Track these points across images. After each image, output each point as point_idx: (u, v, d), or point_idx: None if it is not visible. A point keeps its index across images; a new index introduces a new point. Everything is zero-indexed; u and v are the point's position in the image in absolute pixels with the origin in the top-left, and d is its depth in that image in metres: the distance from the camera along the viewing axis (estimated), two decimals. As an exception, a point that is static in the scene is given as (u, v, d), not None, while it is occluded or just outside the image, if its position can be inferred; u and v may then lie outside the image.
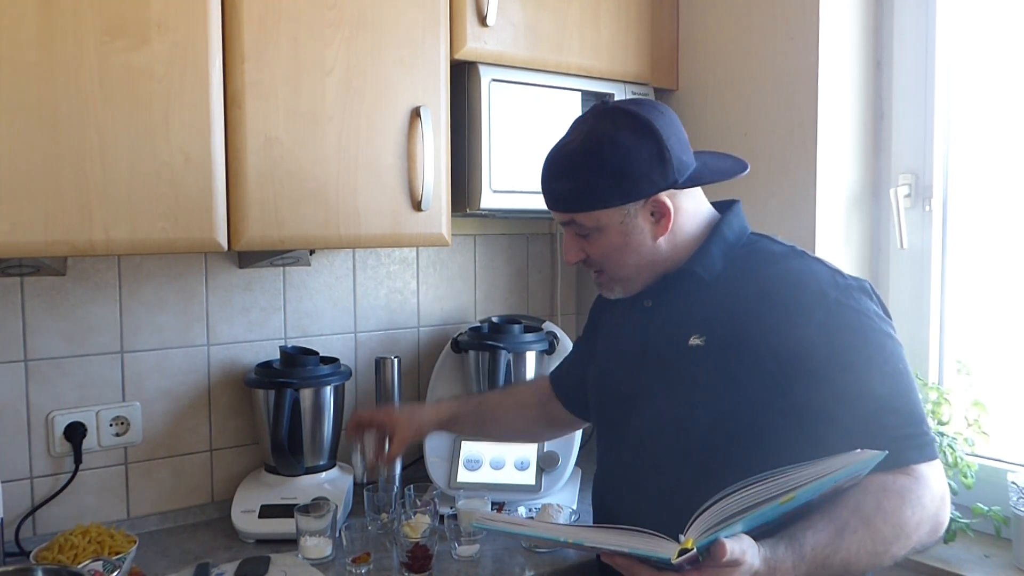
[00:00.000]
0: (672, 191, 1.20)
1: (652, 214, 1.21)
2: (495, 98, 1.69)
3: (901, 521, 1.03)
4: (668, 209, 1.20)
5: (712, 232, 1.25)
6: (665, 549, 0.93)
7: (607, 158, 1.17)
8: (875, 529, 1.02)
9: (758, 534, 0.98)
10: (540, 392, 1.58)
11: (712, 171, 1.24)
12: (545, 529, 1.10)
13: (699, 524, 0.93)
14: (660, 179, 1.18)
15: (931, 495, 1.06)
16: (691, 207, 1.25)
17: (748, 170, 1.27)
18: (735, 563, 0.92)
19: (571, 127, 1.24)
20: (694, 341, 1.20)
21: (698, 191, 1.27)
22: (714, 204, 1.30)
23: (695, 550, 0.91)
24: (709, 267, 1.23)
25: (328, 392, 1.73)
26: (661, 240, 1.22)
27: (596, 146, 1.17)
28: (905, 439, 1.08)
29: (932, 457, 1.09)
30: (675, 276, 1.25)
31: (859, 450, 0.99)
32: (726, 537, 0.92)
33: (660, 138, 1.17)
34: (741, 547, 0.93)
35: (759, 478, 0.94)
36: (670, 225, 1.21)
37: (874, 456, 0.98)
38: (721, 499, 0.93)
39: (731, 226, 1.26)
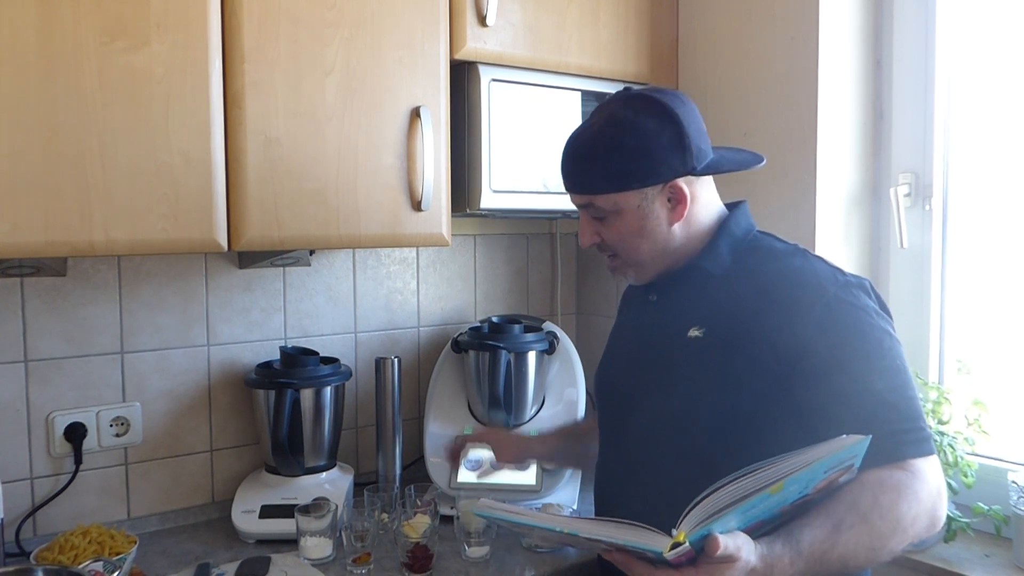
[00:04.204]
0: (690, 179, 1.23)
1: (669, 200, 1.23)
2: (495, 98, 1.69)
3: (898, 516, 1.04)
4: (685, 195, 1.22)
5: (720, 228, 1.27)
6: (658, 543, 0.93)
7: (627, 141, 1.19)
8: (872, 524, 1.02)
9: (758, 535, 0.98)
10: None
11: (729, 161, 1.27)
12: (542, 519, 1.10)
13: (692, 518, 0.93)
14: (679, 165, 1.20)
15: (927, 490, 1.07)
16: (706, 198, 1.27)
17: (764, 162, 1.29)
18: (730, 559, 0.93)
19: (594, 112, 1.26)
20: (693, 333, 1.21)
21: (712, 186, 1.29)
22: (725, 205, 1.32)
23: (688, 544, 0.91)
24: (717, 263, 1.25)
25: (328, 392, 1.73)
26: (676, 227, 1.24)
27: (617, 129, 1.20)
28: (901, 434, 1.08)
29: (928, 452, 1.10)
30: (683, 270, 1.27)
31: (844, 436, 0.99)
32: (720, 533, 0.92)
33: (680, 125, 1.20)
34: (736, 543, 0.93)
35: (748, 470, 0.94)
36: (685, 212, 1.23)
37: (858, 441, 0.98)
38: (712, 492, 0.93)
39: (739, 223, 1.29)
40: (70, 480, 1.61)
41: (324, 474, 1.73)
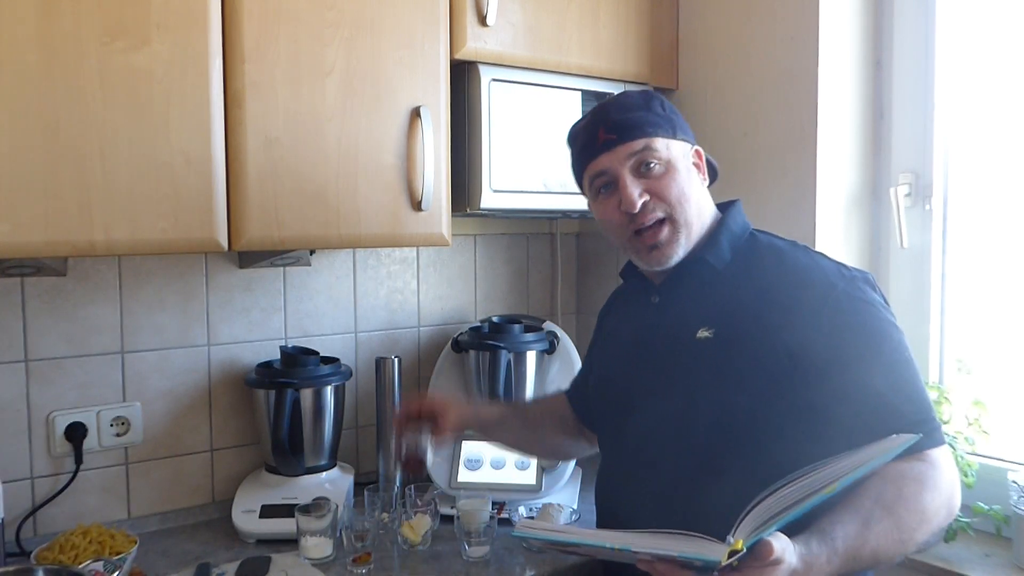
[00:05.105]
0: None
1: (695, 165, 1.28)
2: (495, 98, 1.69)
3: (922, 507, 1.05)
4: (702, 165, 1.30)
5: (719, 223, 1.29)
6: (714, 551, 0.92)
7: (665, 101, 1.30)
8: (898, 517, 1.03)
9: (786, 531, 0.97)
10: (563, 404, 1.57)
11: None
12: (589, 536, 1.06)
13: (747, 524, 0.92)
14: (692, 138, 1.31)
15: (946, 479, 1.08)
16: (703, 192, 1.30)
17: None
18: (776, 562, 0.92)
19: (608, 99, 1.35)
20: (703, 334, 1.21)
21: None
22: (716, 205, 1.33)
23: (744, 550, 0.90)
24: (719, 256, 1.25)
25: (328, 392, 1.73)
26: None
27: (655, 95, 1.30)
28: (918, 425, 1.09)
29: (943, 442, 1.12)
30: (685, 266, 1.26)
31: (895, 435, 1.00)
32: (767, 536, 0.91)
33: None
34: (781, 545, 0.93)
35: (800, 473, 0.94)
36: (705, 177, 1.30)
37: (909, 440, 0.99)
38: (766, 497, 0.93)
39: (736, 220, 1.30)
40: (70, 480, 1.61)
41: (324, 474, 1.73)
